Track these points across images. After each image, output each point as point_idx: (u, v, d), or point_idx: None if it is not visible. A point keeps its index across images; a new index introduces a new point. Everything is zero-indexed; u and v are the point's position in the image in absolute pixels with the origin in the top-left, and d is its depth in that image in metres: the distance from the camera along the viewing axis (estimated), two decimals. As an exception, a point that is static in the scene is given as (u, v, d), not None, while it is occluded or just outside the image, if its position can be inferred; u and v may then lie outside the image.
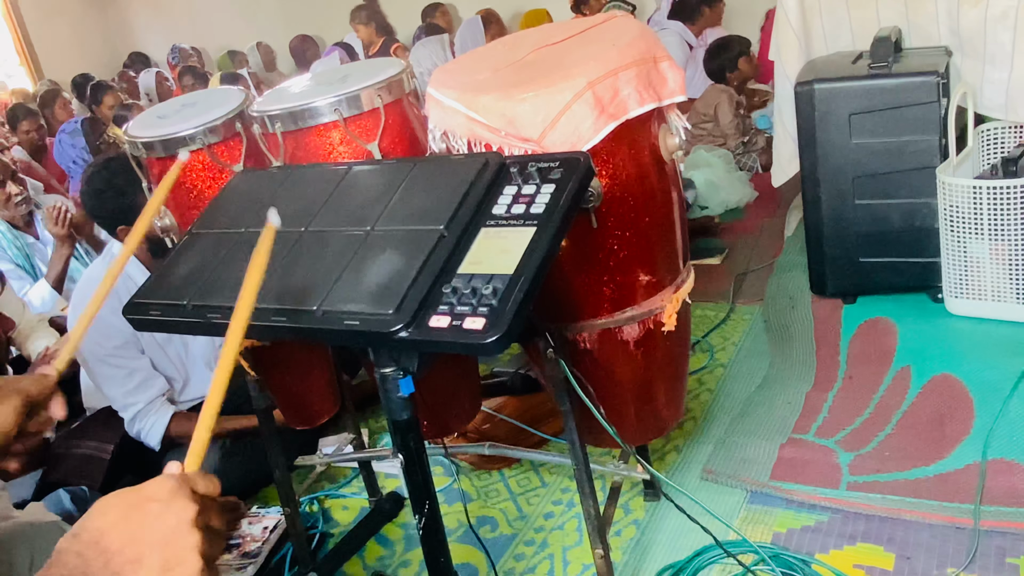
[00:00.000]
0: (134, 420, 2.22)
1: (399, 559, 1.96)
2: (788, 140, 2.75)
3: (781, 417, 2.14)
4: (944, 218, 2.25)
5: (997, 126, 2.45)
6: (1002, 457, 1.80)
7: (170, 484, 0.77)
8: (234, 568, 1.93)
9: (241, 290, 0.90)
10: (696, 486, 1.96)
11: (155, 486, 0.77)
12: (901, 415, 2.04)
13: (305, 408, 1.94)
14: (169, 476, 0.79)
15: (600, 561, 1.56)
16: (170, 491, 0.76)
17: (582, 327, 1.49)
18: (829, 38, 2.69)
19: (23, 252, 3.19)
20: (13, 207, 3.16)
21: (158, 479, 0.78)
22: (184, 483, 0.78)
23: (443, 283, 1.10)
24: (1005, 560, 1.60)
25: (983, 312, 2.26)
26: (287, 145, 1.54)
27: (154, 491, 0.76)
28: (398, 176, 1.30)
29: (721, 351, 2.58)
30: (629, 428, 1.62)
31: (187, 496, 0.76)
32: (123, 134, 1.69)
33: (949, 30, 2.44)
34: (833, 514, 1.80)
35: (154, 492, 0.76)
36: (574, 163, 1.19)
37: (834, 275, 2.51)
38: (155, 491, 0.76)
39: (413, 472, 1.21)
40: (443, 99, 1.40)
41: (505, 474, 2.18)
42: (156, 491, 0.76)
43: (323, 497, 2.23)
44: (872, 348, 2.32)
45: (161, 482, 0.78)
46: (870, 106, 2.29)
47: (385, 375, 1.14)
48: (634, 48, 1.37)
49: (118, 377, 2.19)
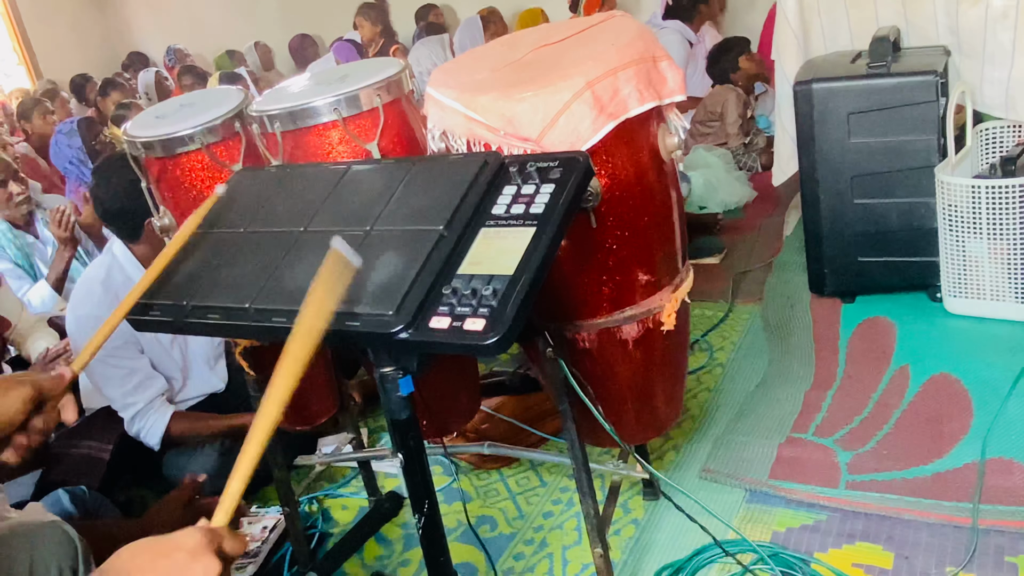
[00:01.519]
0: (133, 420, 2.22)
1: (398, 558, 1.96)
2: (787, 139, 2.75)
3: (780, 416, 2.14)
4: (943, 217, 2.25)
5: (996, 125, 2.46)
6: (1000, 456, 1.80)
7: (199, 537, 0.80)
8: (234, 567, 1.93)
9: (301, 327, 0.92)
10: (695, 485, 1.96)
11: (186, 537, 0.80)
12: (900, 414, 2.04)
13: (304, 408, 1.94)
14: (199, 529, 0.82)
15: (599, 560, 1.56)
16: (199, 545, 0.79)
17: (581, 326, 1.49)
18: (828, 38, 2.69)
19: (23, 252, 3.18)
20: (14, 207, 3.16)
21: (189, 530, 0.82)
22: (214, 539, 0.81)
23: (443, 284, 1.10)
24: (1004, 559, 1.61)
25: (982, 311, 2.26)
26: (286, 145, 1.54)
27: (184, 542, 0.80)
28: (397, 176, 1.30)
29: (720, 350, 2.58)
30: (628, 427, 1.62)
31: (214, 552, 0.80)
32: (122, 134, 1.69)
33: (947, 29, 2.44)
34: (832, 513, 1.80)
35: (184, 543, 0.80)
36: (574, 163, 1.19)
37: (833, 274, 2.52)
38: (185, 542, 0.80)
39: (412, 471, 1.21)
40: (442, 99, 1.40)
41: (504, 473, 2.18)
42: (186, 542, 0.80)
43: (322, 497, 2.23)
44: (871, 347, 2.32)
45: (191, 534, 0.81)
46: (869, 105, 2.30)
47: (385, 375, 1.14)
48: (633, 47, 1.37)
49: (117, 377, 2.19)
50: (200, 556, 0.79)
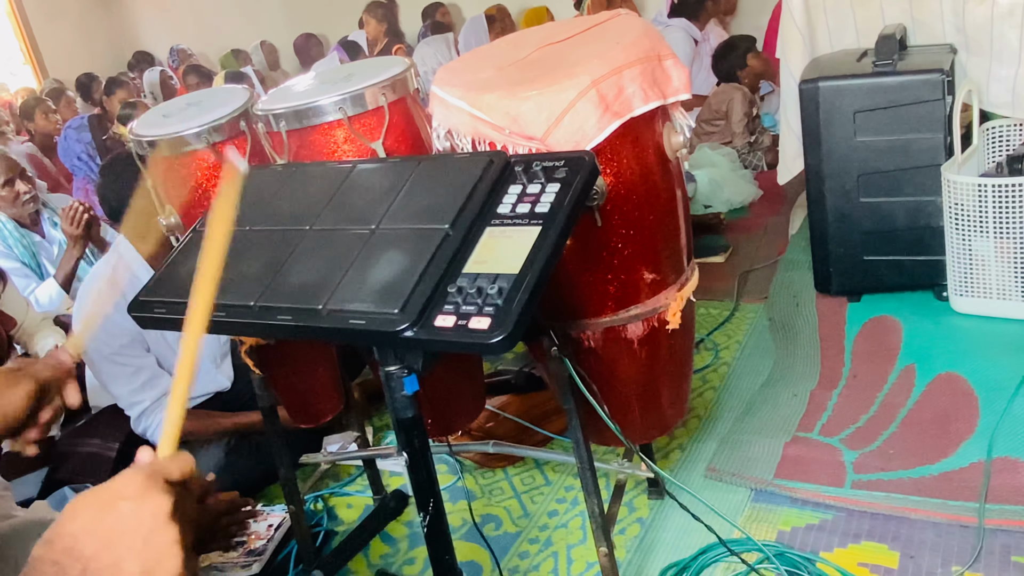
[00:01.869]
0: (140, 418, 2.22)
1: (403, 557, 1.97)
2: (793, 138, 2.75)
3: (785, 415, 2.14)
4: (949, 216, 2.24)
5: (1002, 124, 2.45)
6: (1007, 455, 1.79)
7: (140, 479, 0.71)
8: (239, 566, 1.94)
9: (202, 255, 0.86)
10: (700, 484, 1.96)
11: (125, 481, 0.71)
12: (906, 413, 2.04)
13: (310, 406, 1.95)
14: (138, 469, 0.73)
15: (604, 559, 1.56)
16: (141, 487, 0.70)
17: (586, 325, 1.49)
18: (834, 36, 2.68)
19: (29, 251, 3.19)
20: (21, 205, 3.17)
21: (127, 473, 0.72)
22: (155, 474, 0.72)
23: (448, 282, 1.10)
24: (1010, 558, 1.60)
25: (988, 310, 2.26)
26: (291, 144, 1.54)
27: (124, 488, 0.70)
28: (402, 175, 1.30)
29: (725, 349, 2.58)
30: (633, 426, 1.62)
31: (160, 489, 0.70)
32: (128, 132, 1.70)
33: (954, 27, 2.44)
34: (838, 512, 1.80)
35: (125, 489, 0.70)
36: (579, 162, 1.19)
37: (839, 273, 2.51)
38: (125, 488, 0.70)
39: (417, 470, 1.21)
40: (447, 97, 1.40)
41: (509, 472, 2.18)
42: (127, 488, 0.70)
43: (328, 495, 2.24)
44: (877, 346, 2.32)
45: (131, 476, 0.71)
46: (875, 104, 2.29)
47: (390, 373, 1.14)
48: (638, 46, 1.37)
49: (124, 375, 2.20)
50: (146, 498, 0.69)
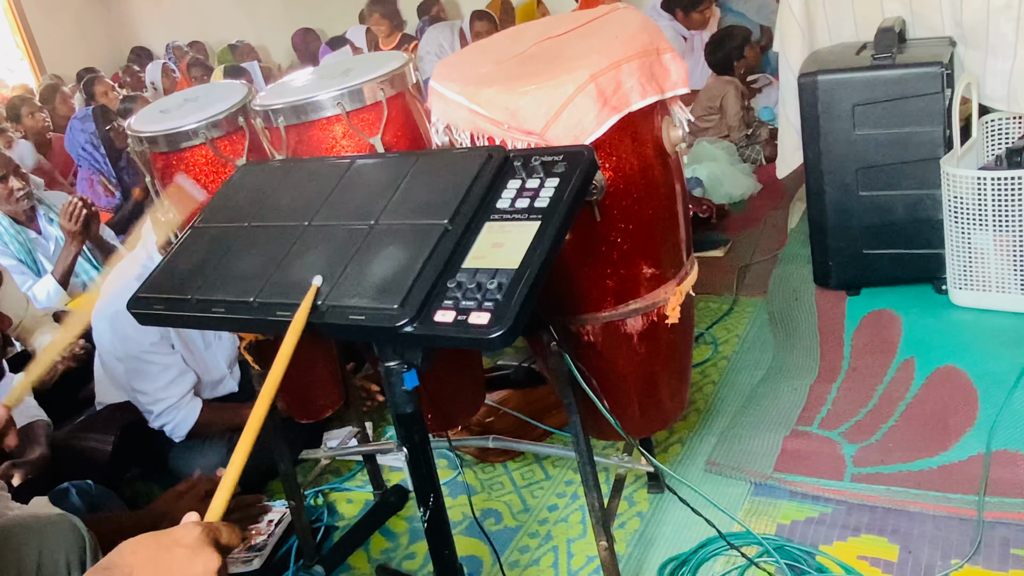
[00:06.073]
0: (162, 414, 2.21)
1: (404, 552, 1.97)
2: (792, 132, 2.74)
3: (785, 409, 2.14)
4: (948, 209, 2.24)
5: (1001, 117, 2.44)
6: (1006, 448, 1.80)
7: (197, 532, 0.82)
8: (240, 561, 1.94)
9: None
10: (700, 478, 1.97)
11: (183, 532, 0.83)
12: (905, 407, 2.04)
13: (310, 402, 1.95)
14: (196, 524, 0.84)
15: (604, 553, 1.56)
16: (198, 540, 0.82)
17: (586, 320, 1.49)
18: (833, 29, 2.67)
19: (25, 247, 3.18)
20: (15, 202, 3.16)
21: (186, 526, 0.84)
22: (211, 533, 0.83)
23: (448, 277, 1.10)
24: (1009, 551, 1.61)
25: (987, 303, 2.26)
26: (290, 139, 1.54)
27: (183, 537, 0.82)
28: (401, 170, 1.30)
29: (725, 343, 2.58)
30: (633, 421, 1.62)
31: (213, 546, 0.82)
32: (126, 128, 1.70)
33: (952, 20, 2.43)
34: (837, 506, 1.80)
35: (183, 538, 0.82)
36: (578, 156, 1.19)
37: (838, 267, 2.51)
38: (184, 537, 0.82)
39: (418, 465, 1.21)
40: (446, 92, 1.40)
41: (509, 467, 2.18)
42: (185, 537, 0.82)
43: (328, 490, 2.24)
44: (876, 340, 2.32)
45: (190, 529, 0.83)
46: (874, 97, 2.28)
47: (390, 369, 1.14)
48: (637, 40, 1.37)
49: (153, 372, 2.17)
50: (200, 551, 0.81)
